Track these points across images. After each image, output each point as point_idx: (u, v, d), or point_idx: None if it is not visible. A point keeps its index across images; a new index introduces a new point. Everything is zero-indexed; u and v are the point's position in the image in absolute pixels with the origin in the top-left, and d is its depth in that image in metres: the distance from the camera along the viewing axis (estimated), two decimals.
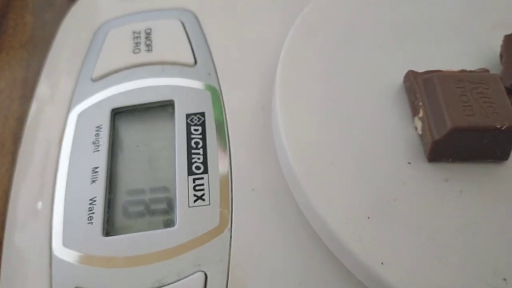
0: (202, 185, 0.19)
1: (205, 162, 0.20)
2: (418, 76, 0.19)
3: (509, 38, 0.20)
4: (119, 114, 0.22)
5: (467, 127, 0.17)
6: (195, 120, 0.21)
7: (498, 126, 0.17)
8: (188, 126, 0.21)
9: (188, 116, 0.21)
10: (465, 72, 0.19)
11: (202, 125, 0.21)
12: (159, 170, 0.20)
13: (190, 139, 0.20)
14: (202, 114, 0.21)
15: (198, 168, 0.20)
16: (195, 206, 0.19)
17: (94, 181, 0.20)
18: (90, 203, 0.19)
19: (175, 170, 0.20)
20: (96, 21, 0.26)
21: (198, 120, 0.21)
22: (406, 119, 0.19)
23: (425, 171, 0.18)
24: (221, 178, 0.19)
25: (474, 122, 0.17)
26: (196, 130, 0.21)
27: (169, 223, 0.19)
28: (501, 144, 0.17)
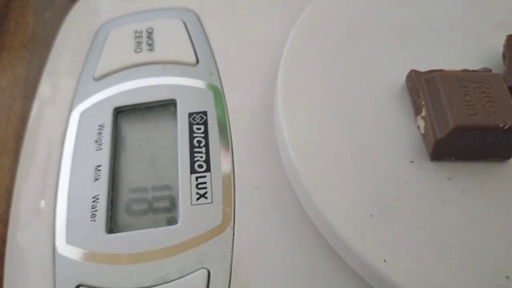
0: (204, 183, 0.19)
1: (207, 161, 0.20)
2: (420, 75, 0.19)
3: (511, 38, 0.20)
4: (122, 113, 0.22)
5: (470, 126, 0.17)
6: (198, 119, 0.21)
7: (501, 125, 0.17)
8: (190, 125, 0.21)
9: (190, 115, 0.21)
10: (467, 71, 0.19)
11: (205, 124, 0.21)
12: (162, 168, 0.20)
13: (192, 138, 0.21)
14: (205, 113, 0.21)
15: (200, 166, 0.20)
16: (198, 204, 0.19)
17: (97, 179, 0.20)
18: (93, 201, 0.19)
19: (178, 169, 0.20)
20: (97, 20, 0.26)
21: (200, 119, 0.21)
22: (409, 118, 0.19)
23: (427, 170, 0.18)
24: (223, 177, 0.19)
25: (476, 121, 0.17)
26: (198, 129, 0.21)
27: (172, 221, 0.19)
28: (503, 143, 0.17)
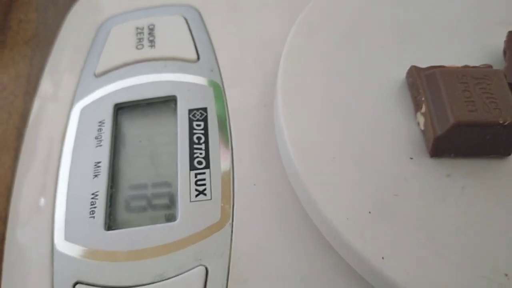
0: (203, 180, 0.19)
1: (207, 157, 0.20)
2: (421, 71, 0.19)
3: None
4: (122, 109, 0.22)
5: (470, 123, 0.17)
6: (198, 115, 0.21)
7: (501, 121, 0.17)
8: (190, 121, 0.21)
9: (190, 111, 0.21)
10: (468, 67, 0.19)
11: (204, 120, 0.21)
12: (161, 165, 0.20)
13: (192, 134, 0.21)
14: (205, 110, 0.21)
15: (200, 163, 0.20)
16: (197, 201, 0.19)
17: (96, 175, 0.20)
18: (92, 198, 0.19)
19: (177, 165, 0.20)
20: (99, 17, 0.26)
21: (200, 115, 0.21)
22: (409, 115, 0.19)
23: (427, 167, 0.18)
24: (222, 174, 0.19)
25: (476, 118, 0.17)
26: (198, 125, 0.21)
27: (170, 218, 0.19)
28: (503, 139, 0.17)
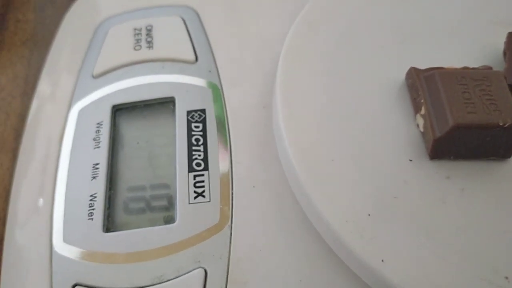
0: (202, 182, 0.19)
1: (205, 159, 0.20)
2: (420, 73, 0.19)
3: None
4: (120, 111, 0.22)
5: (469, 125, 0.17)
6: (196, 117, 0.21)
7: (501, 123, 0.17)
8: (188, 123, 0.21)
9: (189, 113, 0.21)
10: (467, 69, 0.19)
11: (203, 122, 0.21)
12: (160, 167, 0.20)
13: (190, 136, 0.20)
14: (203, 111, 0.21)
15: (198, 165, 0.20)
16: (196, 203, 0.19)
17: (94, 177, 0.20)
18: (91, 200, 0.19)
19: (176, 167, 0.20)
20: (97, 18, 0.26)
21: (199, 117, 0.21)
22: (408, 117, 0.19)
23: (426, 169, 0.18)
24: (221, 175, 0.19)
25: (476, 120, 0.17)
26: (196, 127, 0.21)
27: (169, 220, 0.19)
28: (503, 141, 0.17)
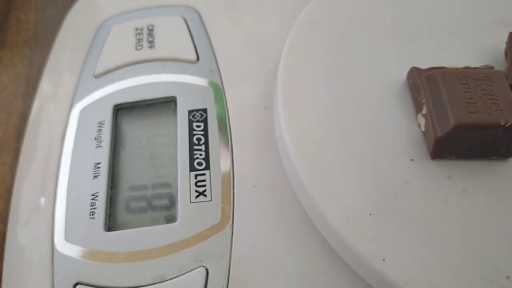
0: (204, 181, 0.19)
1: (207, 158, 0.20)
2: (421, 72, 0.19)
3: None
4: (122, 110, 0.22)
5: (471, 124, 0.17)
6: (197, 116, 0.21)
7: (502, 123, 0.16)
8: (190, 122, 0.21)
9: (190, 112, 0.21)
10: (469, 68, 0.19)
11: (204, 121, 0.21)
12: (161, 166, 0.20)
13: (192, 135, 0.20)
14: (204, 111, 0.21)
15: (200, 164, 0.20)
16: (197, 202, 0.19)
17: (96, 176, 0.20)
18: (92, 199, 0.19)
19: (177, 166, 0.20)
20: (98, 17, 0.26)
21: (200, 116, 0.21)
22: (409, 116, 0.19)
23: (428, 168, 0.18)
24: (223, 175, 0.19)
25: (477, 119, 0.17)
26: (198, 127, 0.21)
27: (170, 219, 0.19)
28: (505, 141, 0.17)
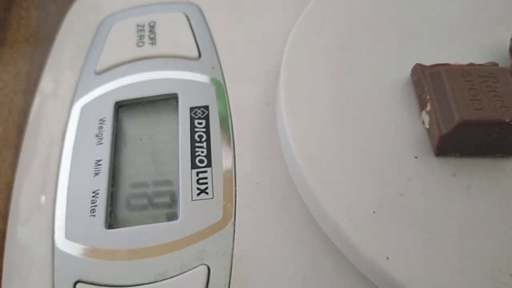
0: (205, 178, 0.19)
1: (208, 156, 0.20)
2: (425, 69, 0.19)
3: None
4: (123, 107, 0.22)
5: (475, 121, 0.16)
6: (199, 113, 0.21)
7: (507, 120, 0.16)
8: (191, 119, 0.21)
9: (192, 109, 0.21)
10: (473, 65, 0.18)
11: (206, 118, 0.21)
12: (163, 163, 0.20)
13: (193, 133, 0.20)
14: (206, 108, 0.21)
15: (201, 161, 0.19)
16: (198, 200, 0.18)
17: (97, 173, 0.20)
18: (93, 196, 0.19)
19: (179, 164, 0.20)
20: (100, 14, 0.26)
21: (202, 113, 0.21)
22: (413, 113, 0.19)
23: (432, 166, 0.18)
24: (224, 172, 0.19)
25: (482, 116, 0.16)
26: (200, 124, 0.21)
27: (172, 217, 0.19)
28: (509, 138, 0.17)
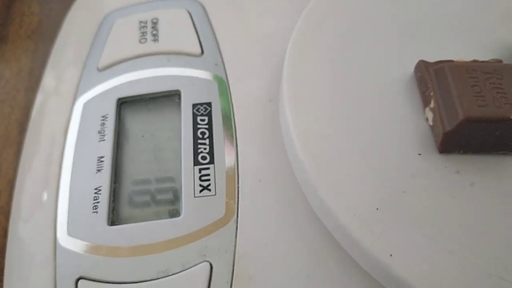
0: (208, 175, 0.19)
1: (211, 153, 0.20)
2: (429, 66, 0.19)
3: None
4: (125, 104, 0.22)
5: (479, 118, 0.16)
6: (202, 110, 0.21)
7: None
8: (194, 116, 0.21)
9: (194, 106, 0.21)
10: (477, 62, 0.18)
11: (209, 115, 0.21)
12: (165, 160, 0.20)
13: (196, 129, 0.20)
14: (209, 104, 0.21)
15: (204, 158, 0.19)
16: (201, 197, 0.18)
17: (99, 170, 0.20)
18: (95, 193, 0.19)
19: (181, 160, 0.19)
20: (102, 10, 0.26)
21: (204, 110, 0.21)
22: (417, 110, 0.19)
23: (435, 163, 0.17)
24: (227, 169, 0.19)
25: (486, 113, 0.16)
26: (202, 120, 0.21)
27: (174, 213, 0.19)
28: None
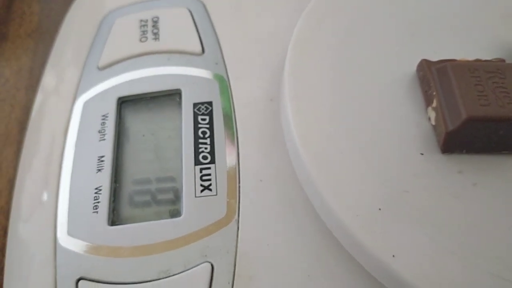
0: (209, 175, 0.19)
1: (212, 152, 0.19)
2: (431, 65, 0.19)
3: None
4: (126, 103, 0.22)
5: (482, 117, 0.16)
6: (203, 109, 0.21)
7: None
8: (195, 115, 0.21)
9: (195, 105, 0.21)
10: (480, 61, 0.18)
11: (210, 114, 0.21)
12: (166, 159, 0.20)
13: (197, 129, 0.20)
14: (210, 104, 0.21)
15: (205, 158, 0.19)
16: (202, 196, 0.18)
17: (99, 170, 0.19)
18: (96, 192, 0.19)
19: (182, 160, 0.19)
20: (102, 9, 0.26)
21: (205, 109, 0.21)
22: (419, 109, 0.19)
23: (438, 163, 0.17)
24: (228, 169, 0.19)
25: (489, 112, 0.16)
26: (203, 120, 0.20)
27: (175, 213, 0.19)
28: None
